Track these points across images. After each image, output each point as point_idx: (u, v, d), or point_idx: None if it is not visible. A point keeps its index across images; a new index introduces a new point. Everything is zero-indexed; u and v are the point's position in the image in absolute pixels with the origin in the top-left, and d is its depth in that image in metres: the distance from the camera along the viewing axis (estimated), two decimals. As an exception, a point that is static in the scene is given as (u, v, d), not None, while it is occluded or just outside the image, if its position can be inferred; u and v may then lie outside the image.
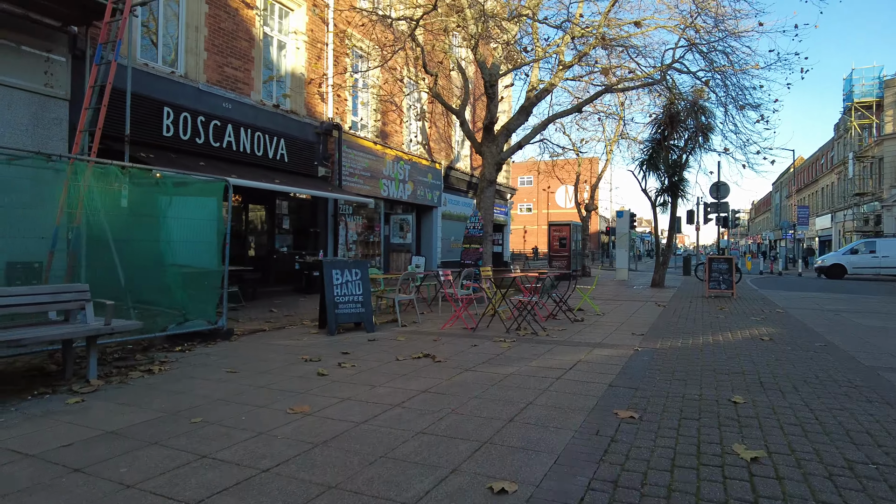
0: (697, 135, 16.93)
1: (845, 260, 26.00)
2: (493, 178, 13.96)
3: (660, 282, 17.58)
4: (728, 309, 11.47)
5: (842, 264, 25.84)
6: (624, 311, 10.95)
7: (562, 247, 20.96)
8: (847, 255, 26.30)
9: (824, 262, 27.07)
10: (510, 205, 28.15)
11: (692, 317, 10.13)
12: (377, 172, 17.09)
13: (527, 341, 7.43)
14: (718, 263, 14.19)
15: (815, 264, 28.37)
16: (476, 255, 13.49)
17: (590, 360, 6.19)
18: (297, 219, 15.24)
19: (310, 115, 14.92)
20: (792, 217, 45.08)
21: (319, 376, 5.46)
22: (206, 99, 12.05)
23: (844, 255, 26.47)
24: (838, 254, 27.30)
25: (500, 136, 14.03)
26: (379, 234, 17.83)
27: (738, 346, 7.02)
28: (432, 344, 7.27)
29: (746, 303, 12.87)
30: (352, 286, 8.32)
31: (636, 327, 8.74)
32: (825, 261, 27.15)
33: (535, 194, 56.82)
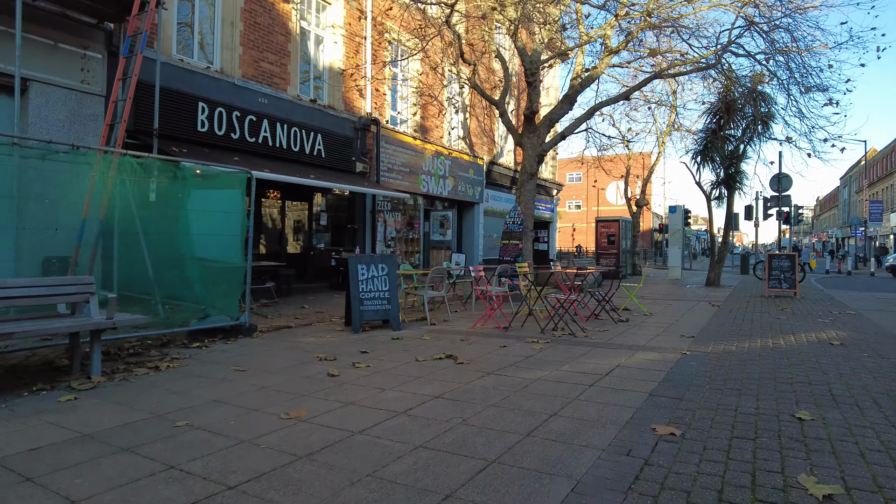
0: (756, 123, 15.70)
1: None
2: (535, 170, 13.30)
3: (715, 281, 16.43)
4: (791, 310, 10.43)
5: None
6: (674, 312, 10.10)
7: (610, 244, 19.99)
8: None
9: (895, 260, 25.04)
10: (556, 201, 27.26)
11: (749, 318, 9.20)
12: (416, 168, 16.68)
13: (563, 343, 6.80)
14: (779, 261, 13.04)
15: (886, 263, 26.26)
16: (515, 252, 12.87)
17: (630, 364, 5.52)
18: (336, 215, 15.01)
19: (347, 111, 14.65)
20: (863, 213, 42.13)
21: (329, 377, 5.03)
22: (241, 94, 11.92)
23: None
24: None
25: (541, 127, 13.35)
26: (419, 230, 17.44)
27: (803, 352, 6.17)
28: (458, 344, 6.75)
29: (811, 303, 11.72)
30: (378, 282, 7.90)
31: (686, 329, 7.94)
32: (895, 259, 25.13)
33: (585, 191, 55.30)
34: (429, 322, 8.37)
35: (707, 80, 15.31)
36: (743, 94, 15.84)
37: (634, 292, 10.04)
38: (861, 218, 39.39)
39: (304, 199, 14.09)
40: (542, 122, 13.44)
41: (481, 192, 20.22)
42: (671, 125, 21.57)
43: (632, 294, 10.02)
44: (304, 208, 14.14)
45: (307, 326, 8.33)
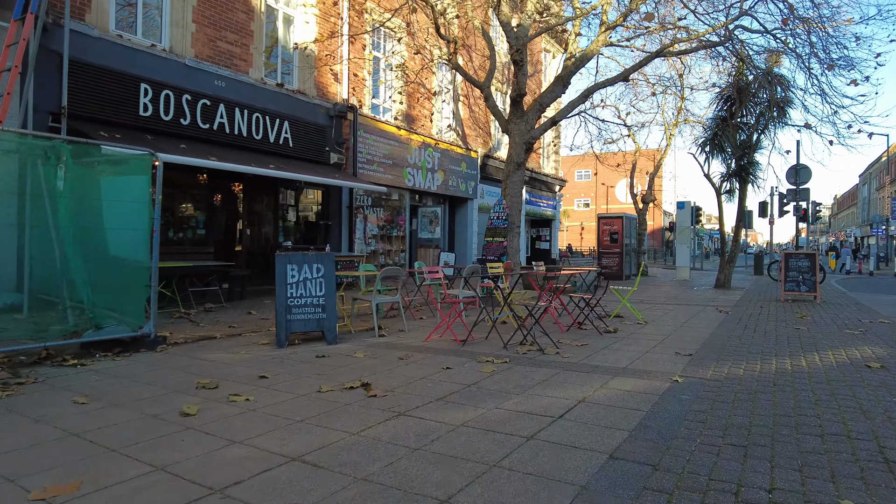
0: (772, 109, 14.08)
1: None
2: (522, 160, 11.84)
3: (725, 282, 14.83)
4: (811, 317, 8.87)
5: None
6: (674, 319, 8.60)
7: (613, 242, 18.43)
8: None
9: None
10: (559, 197, 25.72)
11: (762, 328, 7.67)
12: (400, 160, 15.30)
13: (524, 362, 5.36)
14: (797, 260, 11.44)
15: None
16: (499, 251, 11.43)
17: (599, 399, 4.07)
18: (307, 210, 13.67)
19: (321, 96, 13.31)
20: (884, 211, 40.00)
21: (182, 417, 3.66)
22: (193, 76, 10.63)
23: None
24: None
25: (530, 112, 11.90)
26: (404, 227, 16.07)
27: (832, 378, 4.67)
28: (392, 365, 5.34)
29: (835, 309, 10.13)
30: (311, 285, 6.52)
31: (684, 343, 6.45)
32: None
33: (594, 189, 53.53)
34: (377, 333, 6.96)
35: (716, 60, 13.72)
36: (757, 77, 14.24)
37: (627, 296, 8.54)
38: (882, 216, 37.27)
39: (270, 193, 12.77)
40: (532, 107, 11.98)
41: (475, 187, 18.78)
42: (679, 111, 19.89)
43: (624, 299, 8.53)
44: (269, 203, 12.82)
45: (235, 337, 6.99)
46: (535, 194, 23.31)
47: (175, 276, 9.34)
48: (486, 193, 19.66)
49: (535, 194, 23.31)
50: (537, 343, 6.10)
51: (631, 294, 8.57)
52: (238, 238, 12.20)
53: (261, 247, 12.53)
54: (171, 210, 10.89)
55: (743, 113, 14.96)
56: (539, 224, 24.91)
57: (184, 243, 10.91)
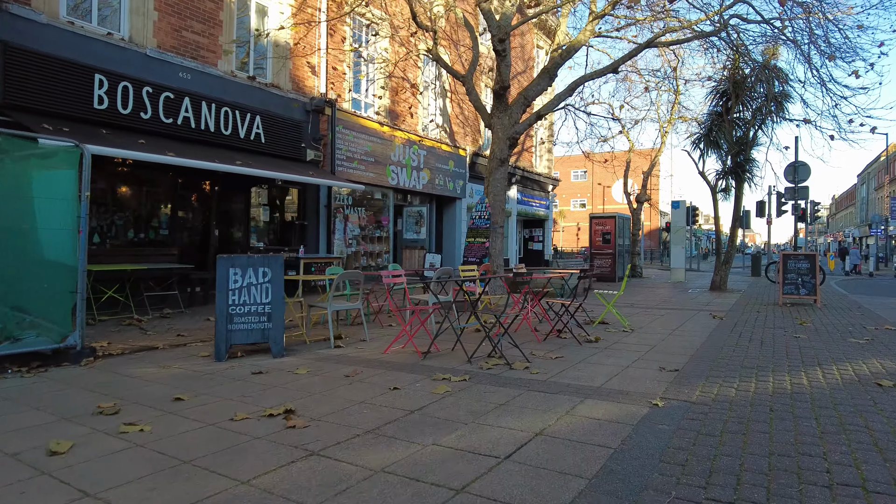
0: (769, 103, 13.39)
1: None
2: (506, 156, 11.16)
3: (721, 284, 14.15)
4: (812, 323, 8.18)
5: None
6: (663, 326, 7.91)
7: (606, 243, 17.75)
8: None
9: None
10: (553, 197, 25.04)
11: (758, 336, 6.99)
12: (383, 157, 14.62)
13: (485, 380, 4.68)
14: (796, 261, 10.76)
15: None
16: (481, 252, 10.75)
17: (560, 430, 3.39)
18: (282, 210, 12.98)
19: (296, 90, 12.64)
20: (884, 211, 39.35)
21: (48, 456, 2.98)
22: (155, 67, 9.94)
23: None
24: None
25: (514, 106, 11.23)
26: (388, 228, 15.39)
27: (838, 401, 3.98)
28: (335, 383, 4.66)
29: (837, 314, 9.45)
30: (256, 292, 5.84)
31: (671, 355, 5.77)
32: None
33: (590, 189, 52.83)
34: (332, 343, 6.27)
35: (711, 52, 13.05)
36: (754, 70, 13.57)
37: (612, 301, 7.85)
38: (882, 216, 36.61)
39: (241, 192, 12.08)
40: (516, 101, 11.31)
41: (464, 186, 18.10)
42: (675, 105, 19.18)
43: (609, 304, 7.84)
44: (241, 202, 12.12)
45: (179, 348, 6.31)
46: (528, 194, 22.63)
47: (129, 280, 8.66)
48: (475, 193, 18.96)
49: (528, 194, 22.63)
50: (505, 357, 5.40)
51: (617, 298, 7.89)
52: (206, 239, 11.51)
53: (231, 248, 11.83)
54: (131, 209, 10.21)
55: (739, 108, 14.30)
56: (532, 224, 24.23)
57: (144, 244, 10.23)
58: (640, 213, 21.12)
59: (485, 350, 5.74)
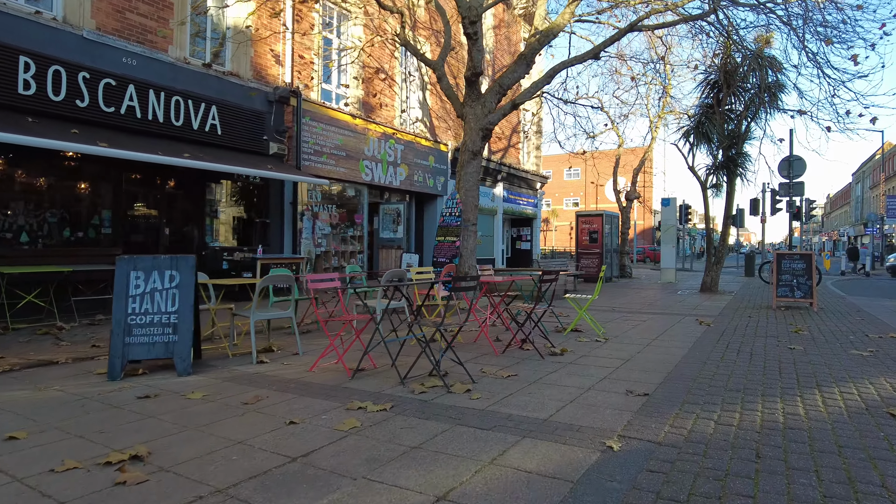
0: (762, 94, 12.53)
1: None
2: (479, 148, 10.28)
3: (712, 286, 13.29)
4: (808, 331, 7.32)
5: None
6: (643, 334, 7.04)
7: (593, 242, 16.88)
8: None
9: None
10: (541, 196, 24.17)
11: (748, 347, 6.12)
12: (356, 152, 13.73)
13: (411, 409, 3.80)
14: (791, 261, 9.89)
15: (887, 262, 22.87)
16: (451, 252, 9.88)
17: (471, 494, 2.51)
18: (242, 207, 12.08)
19: (258, 79, 11.74)
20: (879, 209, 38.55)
21: None
22: (94, 51, 9.05)
23: None
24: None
25: (489, 95, 10.35)
26: (362, 226, 14.50)
27: (844, 442, 3.11)
28: (225, 413, 3.78)
29: (834, 319, 8.58)
30: (161, 299, 4.95)
31: (644, 372, 4.90)
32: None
33: (584, 188, 51.98)
34: (254, 358, 5.38)
35: (699, 38, 12.18)
36: (745, 59, 12.72)
37: (586, 306, 6.97)
38: (878, 214, 35.80)
39: (196, 188, 11.18)
40: (491, 89, 10.44)
41: (445, 183, 17.20)
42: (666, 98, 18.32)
43: (582, 310, 6.96)
44: (196, 199, 11.22)
45: (84, 362, 5.42)
46: (514, 192, 21.77)
47: (53, 283, 7.77)
48: (457, 190, 18.06)
49: (514, 192, 21.77)
50: (443, 379, 4.51)
51: (591, 303, 7.01)
52: (157, 239, 10.62)
53: (185, 248, 10.94)
54: (68, 206, 9.31)
55: (731, 100, 13.44)
56: (519, 223, 23.37)
57: (82, 244, 9.33)
58: (629, 211, 20.27)
59: (427, 367, 4.86)
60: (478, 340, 6.43)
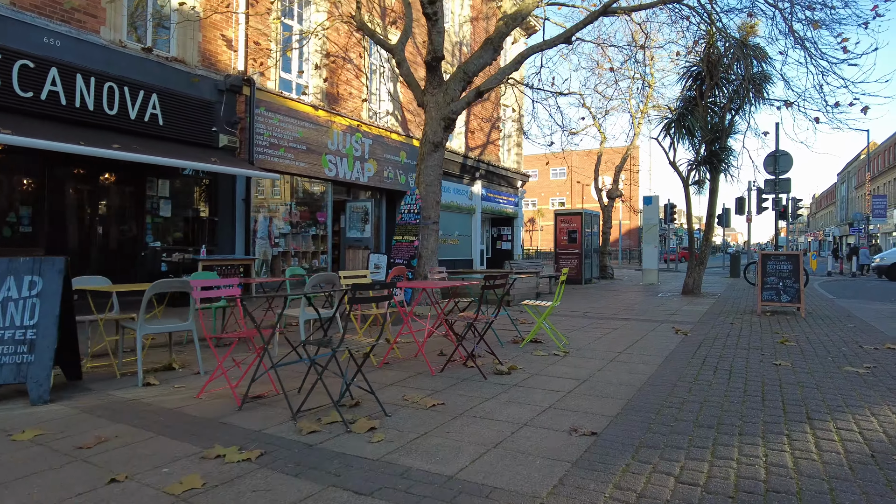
0: (747, 86, 11.74)
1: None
2: (440, 139, 9.40)
3: (694, 288, 12.49)
4: (796, 342, 6.49)
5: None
6: (609, 346, 6.18)
7: (571, 242, 16.05)
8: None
9: (884, 259, 21.06)
10: (522, 194, 23.33)
11: (727, 363, 5.27)
12: (318, 145, 12.80)
13: (282, 461, 2.89)
14: (777, 263, 9.09)
15: (872, 263, 22.27)
16: (409, 252, 8.98)
17: None
18: (188, 204, 11.10)
19: (207, 66, 10.79)
20: (865, 209, 38.08)
21: None
22: (7, 28, 8.08)
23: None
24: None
25: (452, 82, 9.48)
26: (325, 225, 13.57)
27: (842, 496, 2.25)
28: (49, 461, 2.86)
29: (824, 326, 7.78)
30: (15, 310, 4.02)
31: (600, 399, 4.03)
32: (885, 258, 21.11)
33: (569, 187, 51.24)
34: (140, 380, 4.45)
35: (680, 24, 11.36)
36: (729, 49, 11.94)
37: (546, 314, 6.10)
38: (864, 214, 35.29)
39: (134, 183, 10.20)
40: (455, 76, 9.56)
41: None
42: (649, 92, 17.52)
43: (540, 319, 6.08)
44: (134, 195, 10.24)
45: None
46: (494, 190, 20.91)
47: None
48: (432, 187, 17.17)
49: (494, 190, 20.91)
50: (341, 415, 3.62)
51: (552, 310, 6.14)
52: (89, 238, 9.64)
53: (121, 248, 9.97)
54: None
55: (714, 92, 12.65)
56: (500, 223, 22.51)
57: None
58: (611, 209, 19.47)
59: (336, 394, 3.96)
60: (419, 355, 5.55)
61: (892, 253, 21.48)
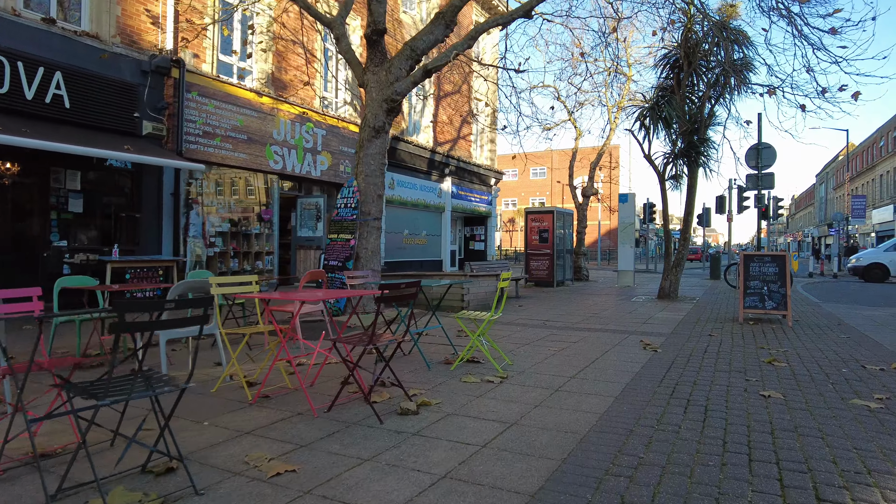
0: (729, 72, 10.67)
1: (888, 258, 19.14)
2: (382, 123, 8.18)
3: (670, 292, 11.39)
4: (786, 360, 5.36)
5: (883, 264, 19.08)
6: (559, 368, 5.01)
7: (543, 242, 14.92)
8: (891, 251, 19.39)
9: (860, 260, 20.24)
10: (496, 192, 22.19)
11: (702, 394, 4.11)
12: (262, 135, 11.53)
13: None
14: (761, 265, 8.00)
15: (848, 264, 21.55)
16: (345, 253, 7.75)
17: None
18: (104, 198, 9.75)
19: (128, 44, 9.47)
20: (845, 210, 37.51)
21: None
22: None
23: (887, 251, 19.55)
24: (879, 250, 20.31)
25: (398, 59, 8.27)
26: (272, 223, 12.28)
27: None
28: None
29: (816, 338, 6.68)
30: None
31: (521, 459, 2.83)
32: (861, 259, 20.28)
33: (549, 186, 50.22)
34: None
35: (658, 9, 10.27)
36: (708, 33, 10.88)
37: (481, 328, 4.91)
38: (844, 214, 34.69)
39: (37, 174, 8.84)
40: (401, 54, 8.35)
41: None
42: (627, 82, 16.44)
43: (474, 336, 4.89)
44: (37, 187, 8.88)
45: None
46: (465, 187, 19.74)
47: None
48: (396, 184, 15.99)
49: (465, 187, 19.74)
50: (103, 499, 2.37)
51: (488, 325, 4.94)
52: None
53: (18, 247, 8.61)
54: None
55: (692, 80, 11.58)
56: (473, 222, 21.36)
57: None
58: (586, 208, 18.39)
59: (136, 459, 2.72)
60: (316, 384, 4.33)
61: (868, 254, 20.71)
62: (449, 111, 18.64)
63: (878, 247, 22.10)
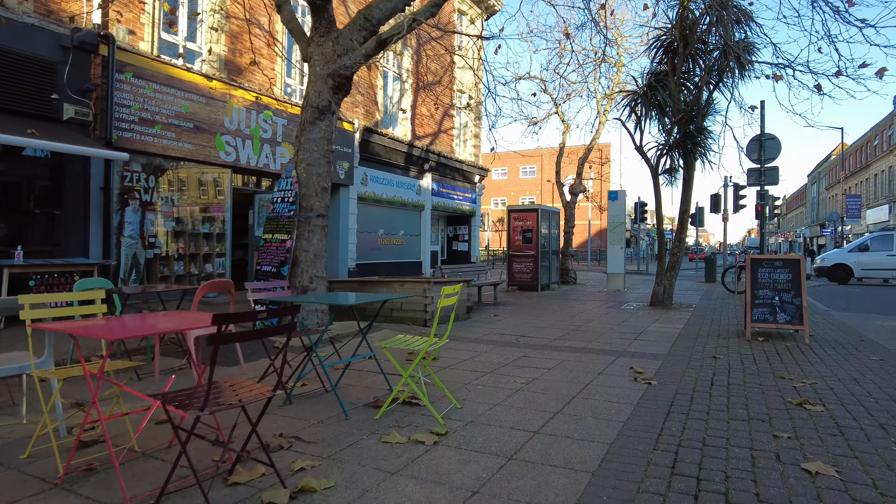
0: (728, 59, 9.46)
1: (852, 259, 18.79)
2: (327, 103, 6.87)
3: (665, 298, 10.15)
4: (819, 399, 4.11)
5: (847, 265, 18.75)
6: (522, 413, 3.73)
7: (526, 242, 13.67)
8: (855, 252, 19.00)
9: (825, 261, 19.76)
10: (480, 190, 20.92)
11: (718, 467, 2.85)
12: (211, 124, 10.20)
13: None
14: (772, 271, 6.76)
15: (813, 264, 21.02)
16: (281, 255, 6.45)
17: None
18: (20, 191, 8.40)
19: (44, 15, 8.13)
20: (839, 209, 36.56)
21: None
22: None
23: (851, 252, 19.17)
24: (843, 251, 19.84)
25: (348, 30, 6.96)
26: (223, 221, 10.95)
27: None
28: None
29: (843, 360, 5.44)
30: None
31: None
32: (826, 260, 19.80)
33: (539, 185, 48.98)
34: None
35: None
36: (706, 11, 9.67)
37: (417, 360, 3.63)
38: (838, 214, 33.71)
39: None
40: (354, 23, 7.04)
41: (351, 169, 13.77)
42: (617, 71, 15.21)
43: (406, 372, 3.61)
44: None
45: None
46: (447, 184, 18.46)
47: None
48: (370, 179, 14.69)
49: (447, 184, 18.46)
50: None
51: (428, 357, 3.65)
52: None
53: None
54: None
55: (688, 65, 10.35)
56: (457, 221, 20.09)
57: None
58: (573, 206, 17.15)
59: None
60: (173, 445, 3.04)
61: (834, 254, 20.08)
62: (429, 103, 17.35)
63: (842, 248, 21.63)
